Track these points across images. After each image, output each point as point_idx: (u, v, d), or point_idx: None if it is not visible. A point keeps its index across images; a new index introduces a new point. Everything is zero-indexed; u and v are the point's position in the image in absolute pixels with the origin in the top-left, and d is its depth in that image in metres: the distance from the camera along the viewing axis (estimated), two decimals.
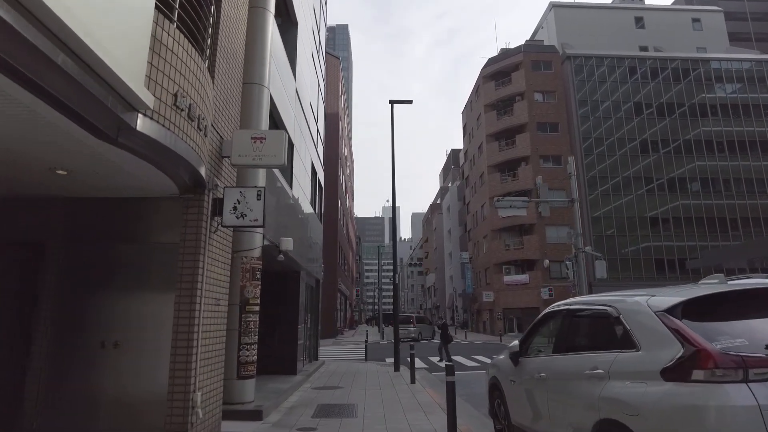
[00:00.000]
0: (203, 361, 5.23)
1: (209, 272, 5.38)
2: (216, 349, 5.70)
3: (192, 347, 4.90)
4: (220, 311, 5.86)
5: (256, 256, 7.61)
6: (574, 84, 40.25)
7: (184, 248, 5.10)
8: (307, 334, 14.06)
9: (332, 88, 39.01)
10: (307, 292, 14.14)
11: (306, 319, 13.83)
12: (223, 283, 6.00)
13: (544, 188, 17.48)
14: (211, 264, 5.45)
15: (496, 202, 17.08)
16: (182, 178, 4.99)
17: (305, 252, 12.45)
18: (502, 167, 40.51)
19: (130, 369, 5.03)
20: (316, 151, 15.16)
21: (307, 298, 14.11)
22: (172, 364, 4.86)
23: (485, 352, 22.12)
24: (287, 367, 11.20)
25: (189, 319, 4.95)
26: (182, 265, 5.06)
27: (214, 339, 5.63)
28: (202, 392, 5.13)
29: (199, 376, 5.09)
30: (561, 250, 36.47)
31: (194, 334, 4.93)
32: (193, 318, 4.96)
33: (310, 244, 13.70)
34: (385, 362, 17.68)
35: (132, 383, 5.03)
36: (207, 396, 5.33)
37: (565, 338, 4.28)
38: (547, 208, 17.16)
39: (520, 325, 37.40)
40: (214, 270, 5.59)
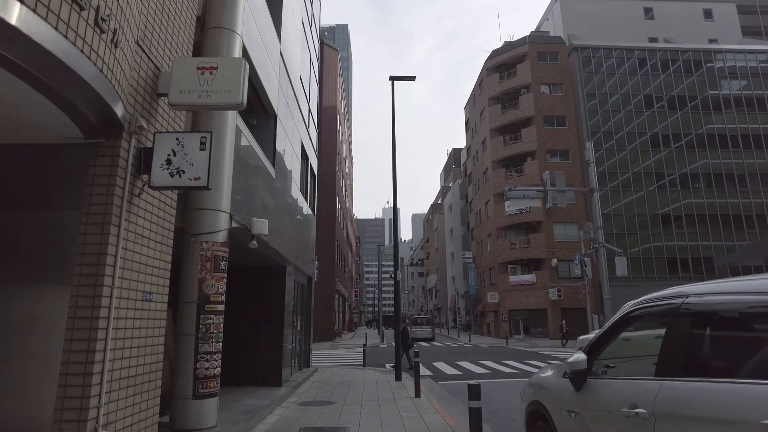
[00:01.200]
0: (121, 381, 3.60)
1: (131, 254, 3.75)
2: (147, 363, 4.07)
3: (93, 361, 3.27)
4: (154, 310, 4.22)
5: (219, 242, 5.98)
6: (582, 76, 38.66)
7: (88, 217, 3.47)
8: (297, 338, 12.42)
9: (330, 80, 37.46)
10: (297, 291, 12.50)
11: (295, 321, 12.19)
12: (160, 271, 4.37)
13: (560, 177, 15.87)
14: (134, 242, 3.81)
15: (507, 191, 15.46)
16: (85, 114, 3.37)
17: (293, 245, 10.82)
18: (507, 162, 38.88)
19: (7, 390, 3.39)
20: (307, 134, 13.54)
21: (297, 298, 12.47)
22: (61, 386, 3.23)
23: (494, 357, 20.47)
24: (270, 378, 9.55)
25: (91, 320, 3.32)
26: (84, 241, 3.43)
27: (144, 349, 4.00)
28: (117, 425, 3.49)
29: (111, 403, 3.45)
30: (569, 248, 34.88)
31: (97, 342, 3.30)
32: (97, 318, 3.33)
33: (300, 237, 12.07)
34: (385, 368, 16.03)
35: (13, 410, 3.39)
36: (129, 429, 3.69)
37: (686, 352, 2.51)
38: (563, 199, 15.54)
39: (526, 327, 35.73)
40: (142, 252, 3.96)
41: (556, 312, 34.03)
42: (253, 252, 8.59)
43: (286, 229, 9.78)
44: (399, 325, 12.36)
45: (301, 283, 13.00)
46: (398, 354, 12.05)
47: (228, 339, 9.85)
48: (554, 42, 39.83)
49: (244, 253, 8.40)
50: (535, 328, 34.95)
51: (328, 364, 18.12)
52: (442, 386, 11.38)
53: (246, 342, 9.71)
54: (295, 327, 12.11)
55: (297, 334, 12.49)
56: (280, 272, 10.10)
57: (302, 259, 12.23)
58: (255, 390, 8.95)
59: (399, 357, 12.00)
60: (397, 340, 12.23)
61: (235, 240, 6.72)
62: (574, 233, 35.42)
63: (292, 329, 11.39)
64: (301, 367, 12.97)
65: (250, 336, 9.74)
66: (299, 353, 12.92)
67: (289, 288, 10.50)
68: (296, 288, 12.10)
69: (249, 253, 8.59)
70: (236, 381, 9.31)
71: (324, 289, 32.80)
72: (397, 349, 12.11)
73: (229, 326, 9.88)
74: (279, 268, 10.11)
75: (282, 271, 10.11)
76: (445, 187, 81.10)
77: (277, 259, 9.49)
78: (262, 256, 8.93)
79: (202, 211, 5.92)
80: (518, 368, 16.20)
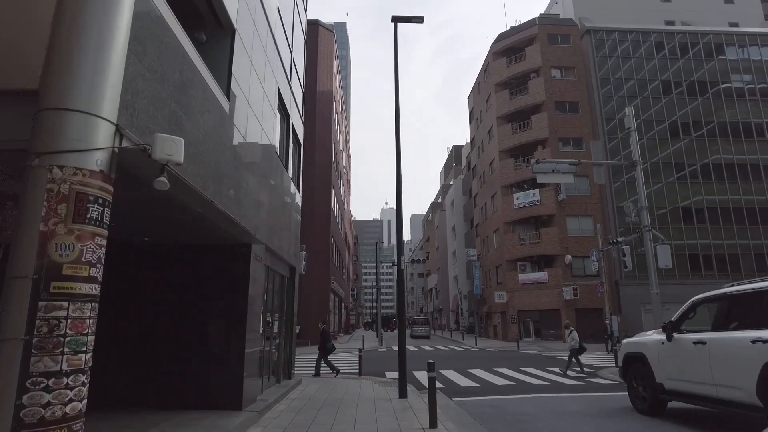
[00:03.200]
0: None
1: None
2: None
3: None
4: None
5: (91, 170, 3.27)
6: (595, 60, 36.08)
7: None
8: (273, 343, 9.70)
9: (325, 64, 34.81)
10: (273, 284, 9.80)
11: (270, 320, 9.48)
12: None
13: (596, 147, 13.19)
14: None
15: (534, 164, 12.76)
16: None
17: (264, 218, 8.12)
18: (515, 152, 36.22)
19: None
20: (288, 87, 10.85)
21: (273, 292, 9.77)
22: None
23: (509, 363, 17.71)
24: (224, 399, 6.84)
25: None
26: None
27: None
28: None
29: None
30: (584, 244, 32.24)
31: None
32: None
33: (277, 213, 9.37)
34: (386, 379, 13.31)
35: None
36: None
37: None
38: (600, 174, 12.85)
39: (537, 329, 32.98)
40: None
41: (570, 313, 31.29)
42: (200, 222, 5.93)
43: (249, 191, 7.08)
44: (404, 323, 9.65)
45: (279, 273, 10.29)
46: (403, 362, 9.33)
47: (163, 344, 7.18)
48: (565, 24, 37.24)
49: (180, 217, 5.71)
50: (546, 330, 32.23)
51: None
52: (460, 406, 8.66)
53: (191, 349, 7.00)
54: (270, 328, 9.40)
55: (273, 338, 9.78)
56: (243, 253, 7.39)
57: (279, 240, 9.52)
58: (199, 419, 6.22)
59: (404, 367, 9.28)
60: (402, 344, 9.51)
61: (135, 178, 4.01)
62: (589, 227, 32.77)
63: (264, 331, 8.67)
64: (279, 379, 10.24)
65: (197, 341, 7.04)
66: (276, 362, 10.20)
67: (257, 276, 7.79)
68: (271, 278, 9.39)
69: (192, 221, 5.92)
70: (174, 404, 6.60)
71: (318, 288, 30.07)
72: (402, 357, 9.39)
73: (166, 328, 7.22)
74: (240, 249, 7.40)
75: (245, 252, 7.40)
76: (446, 186, 78.48)
77: (235, 234, 6.78)
78: (210, 226, 6.24)
79: (60, 115, 3.23)
80: (545, 378, 13.48)
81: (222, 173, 5.76)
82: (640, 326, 30.61)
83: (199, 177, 4.88)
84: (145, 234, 6.94)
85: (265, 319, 8.82)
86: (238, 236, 6.96)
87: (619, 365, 8.46)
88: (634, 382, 7.86)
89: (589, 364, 18.04)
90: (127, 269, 7.30)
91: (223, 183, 5.76)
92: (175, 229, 6.58)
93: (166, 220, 6.00)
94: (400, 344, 9.50)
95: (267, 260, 8.79)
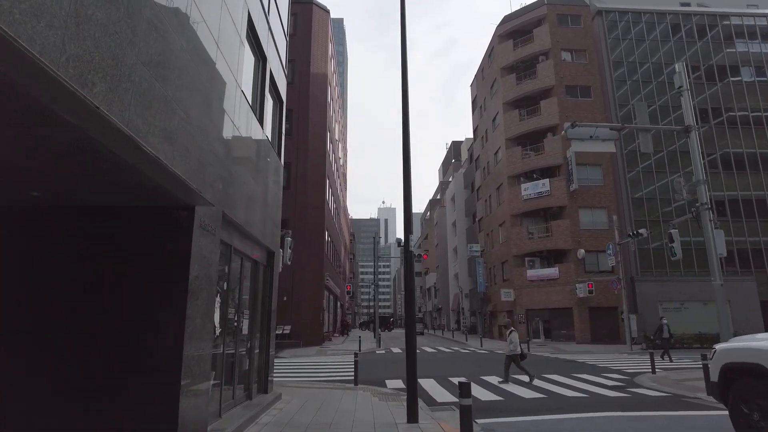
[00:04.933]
0: None
1: None
2: None
3: None
4: None
5: None
6: (608, 42, 33.83)
7: None
8: (239, 349, 7.35)
9: (320, 45, 32.42)
10: (242, 270, 7.45)
11: (237, 319, 7.14)
12: None
13: (641, 108, 10.89)
14: None
15: (568, 128, 10.44)
16: None
17: (222, 174, 5.80)
18: (522, 140, 33.92)
19: None
20: (266, 22, 8.48)
21: (238, 281, 7.42)
22: None
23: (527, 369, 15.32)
24: (153, 427, 4.47)
25: None
26: None
27: None
28: None
29: None
30: (598, 237, 29.98)
31: None
32: None
33: (244, 175, 7.03)
34: (387, 389, 10.97)
35: None
36: None
37: None
38: (647, 142, 10.54)
39: (547, 329, 30.69)
40: None
41: (584, 311, 29.04)
42: (109, 164, 3.59)
43: (193, 131, 4.73)
44: (413, 320, 7.32)
45: (249, 258, 7.93)
46: (413, 375, 6.99)
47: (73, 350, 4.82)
48: (576, 3, 34.94)
49: (73, 152, 3.36)
50: (557, 331, 29.93)
51: (308, 379, 13.04)
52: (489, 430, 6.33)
53: (101, 356, 4.65)
54: (235, 328, 7.05)
55: (242, 342, 7.43)
56: (181, 220, 5.02)
57: (248, 212, 7.16)
58: None
59: (414, 381, 6.94)
60: (411, 349, 7.15)
61: None
62: (603, 220, 30.53)
63: (223, 332, 6.31)
64: (250, 395, 7.87)
65: (117, 344, 4.68)
66: (247, 373, 7.84)
67: (207, 255, 5.42)
68: (236, 262, 7.04)
69: (92, 159, 3.58)
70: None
71: (311, 285, 27.71)
72: (412, 366, 7.04)
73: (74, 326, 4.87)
74: (178, 212, 5.03)
75: (185, 218, 5.03)
76: (444, 182, 76.26)
77: (169, 187, 4.41)
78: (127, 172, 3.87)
79: None
80: (579, 388, 11.16)
81: (143, 85, 3.41)
82: None
83: None
84: (32, 186, 4.57)
85: (225, 315, 6.47)
86: (172, 191, 4.60)
87: (711, 379, 6.17)
88: (742, 404, 5.56)
89: (618, 368, 15.72)
90: (8, 244, 4.94)
91: (143, 98, 3.41)
92: (77, 179, 4.23)
93: (55, 158, 3.66)
94: (408, 349, 7.14)
95: (228, 236, 6.44)
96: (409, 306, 7.25)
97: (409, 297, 7.23)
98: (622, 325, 28.76)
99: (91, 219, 4.99)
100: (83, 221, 4.99)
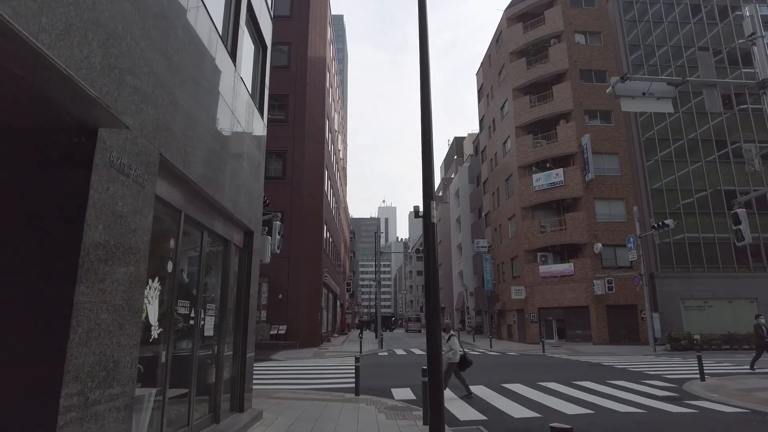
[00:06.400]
0: None
1: None
2: None
3: None
4: None
5: None
6: (623, 24, 31.83)
7: None
8: (199, 353, 5.37)
9: (318, 26, 30.46)
10: (202, 248, 5.49)
11: (194, 314, 5.17)
12: None
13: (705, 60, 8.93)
14: None
15: (617, 83, 8.50)
16: None
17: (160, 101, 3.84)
18: (533, 128, 31.94)
19: None
20: None
21: (202, 264, 5.47)
22: None
23: (551, 374, 13.30)
24: None
25: None
26: None
27: None
28: None
29: None
30: (615, 231, 28.03)
31: None
32: None
33: (204, 115, 5.07)
34: (394, 401, 9.02)
35: None
36: None
37: None
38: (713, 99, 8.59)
39: (561, 329, 28.70)
40: None
41: (601, 310, 27.07)
42: None
43: (99, 7, 2.73)
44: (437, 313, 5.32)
45: (215, 233, 5.97)
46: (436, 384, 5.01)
47: None
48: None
49: None
50: (572, 331, 27.94)
51: (303, 386, 11.07)
52: None
53: None
54: (195, 327, 5.09)
55: (203, 346, 5.47)
56: (76, 151, 3.04)
57: (209, 168, 5.18)
58: None
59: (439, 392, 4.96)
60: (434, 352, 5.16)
61: None
62: (621, 212, 28.57)
63: (166, 331, 4.34)
64: (216, 418, 5.89)
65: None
66: (212, 387, 5.88)
67: (121, 209, 3.44)
68: (179, 231, 5.09)
69: None
70: None
71: (309, 282, 25.73)
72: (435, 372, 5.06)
73: None
74: (68, 139, 3.05)
75: (83, 148, 3.05)
76: (447, 179, 74.29)
77: (37, 79, 2.41)
78: None
79: None
80: (627, 400, 9.17)
81: None
82: (680, 325, 26.44)
83: None
84: None
85: (171, 308, 4.50)
86: (54, 97, 2.63)
87: None
88: None
89: (655, 373, 13.68)
90: None
91: None
92: None
93: None
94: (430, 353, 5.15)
95: (173, 195, 4.48)
96: (431, 292, 5.27)
97: (432, 280, 5.26)
98: (642, 325, 26.82)
99: None
100: None
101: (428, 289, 5.25)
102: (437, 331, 5.27)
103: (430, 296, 5.22)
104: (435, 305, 5.24)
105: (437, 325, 5.24)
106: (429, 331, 5.21)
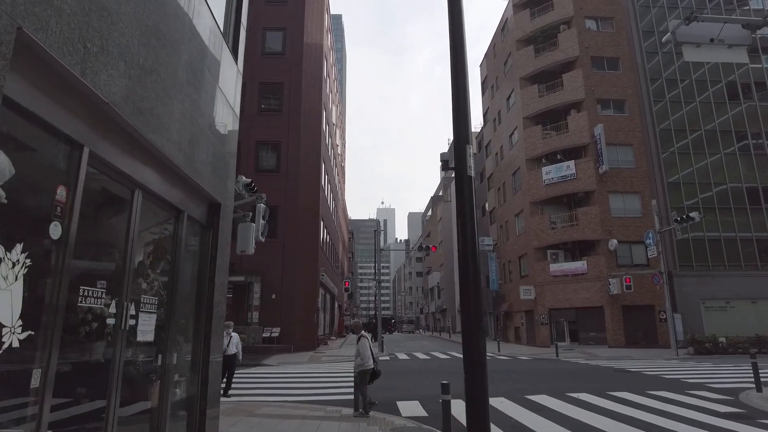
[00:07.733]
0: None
1: None
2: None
3: None
4: None
5: None
6: (637, 9, 30.26)
7: None
8: (131, 366, 3.62)
9: (315, 13, 28.83)
10: (131, 215, 3.74)
11: (121, 311, 3.41)
12: None
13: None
14: None
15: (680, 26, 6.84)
16: None
17: None
18: (542, 119, 30.28)
19: None
20: None
21: (131, 236, 3.70)
22: None
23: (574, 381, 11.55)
24: None
25: None
26: None
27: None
28: None
29: None
30: (631, 226, 26.38)
31: None
32: None
33: (136, 14, 3.29)
34: (400, 417, 7.30)
35: None
36: None
37: None
38: None
39: (573, 331, 26.98)
40: None
41: (616, 310, 25.37)
42: None
43: None
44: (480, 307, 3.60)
45: (154, 195, 4.25)
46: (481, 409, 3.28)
47: None
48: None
49: None
50: (585, 333, 26.22)
51: (294, 397, 9.32)
52: None
53: None
54: (118, 327, 3.34)
55: (138, 353, 3.73)
56: None
57: (126, 80, 3.44)
58: None
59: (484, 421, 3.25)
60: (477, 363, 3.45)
61: None
62: (636, 206, 26.92)
63: (29, 335, 2.59)
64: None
65: None
66: (157, 412, 4.13)
67: None
68: (76, 176, 3.32)
69: None
70: None
71: (304, 281, 24.01)
72: (479, 387, 3.34)
73: None
74: None
75: None
76: (448, 178, 72.68)
77: None
78: None
79: None
80: (684, 417, 7.44)
81: None
82: (701, 327, 24.75)
83: None
84: None
85: (55, 297, 2.76)
86: None
87: None
88: None
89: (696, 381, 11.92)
90: None
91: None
92: None
93: None
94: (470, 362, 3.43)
95: (58, 116, 2.74)
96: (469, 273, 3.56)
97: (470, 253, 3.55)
98: (660, 326, 25.14)
99: None
100: None
101: (464, 264, 3.55)
102: (481, 338, 3.53)
103: (469, 275, 3.52)
104: (477, 299, 3.53)
105: (480, 329, 3.52)
106: (468, 336, 3.48)
